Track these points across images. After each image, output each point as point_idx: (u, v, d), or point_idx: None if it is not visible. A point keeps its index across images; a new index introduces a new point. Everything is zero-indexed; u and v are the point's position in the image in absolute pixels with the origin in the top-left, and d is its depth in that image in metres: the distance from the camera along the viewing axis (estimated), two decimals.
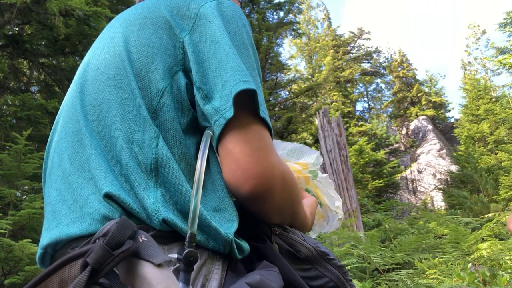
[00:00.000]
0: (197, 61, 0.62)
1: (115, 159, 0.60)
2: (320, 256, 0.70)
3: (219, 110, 0.59)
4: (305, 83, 15.53)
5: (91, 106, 0.65)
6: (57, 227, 0.60)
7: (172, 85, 0.63)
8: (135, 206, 0.56)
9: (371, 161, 15.72)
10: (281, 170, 0.62)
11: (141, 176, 0.57)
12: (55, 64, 7.05)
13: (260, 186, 0.59)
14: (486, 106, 16.80)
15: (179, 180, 0.57)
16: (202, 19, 0.65)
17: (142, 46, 0.64)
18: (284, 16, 13.31)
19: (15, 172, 4.20)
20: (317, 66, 24.60)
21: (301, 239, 0.71)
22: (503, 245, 4.29)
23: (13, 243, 3.30)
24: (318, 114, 9.31)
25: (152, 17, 0.67)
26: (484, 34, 24.78)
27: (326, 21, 28.05)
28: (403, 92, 26.21)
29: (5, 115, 5.83)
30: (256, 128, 0.61)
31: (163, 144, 0.58)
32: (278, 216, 0.68)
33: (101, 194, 0.57)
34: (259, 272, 0.55)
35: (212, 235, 0.56)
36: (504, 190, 10.57)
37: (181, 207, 0.57)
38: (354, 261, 3.69)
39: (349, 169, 8.41)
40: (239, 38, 0.66)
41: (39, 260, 0.66)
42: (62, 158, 0.65)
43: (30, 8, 5.29)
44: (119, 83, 0.64)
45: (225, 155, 0.60)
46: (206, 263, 0.56)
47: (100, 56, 0.70)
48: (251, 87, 0.59)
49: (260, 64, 0.72)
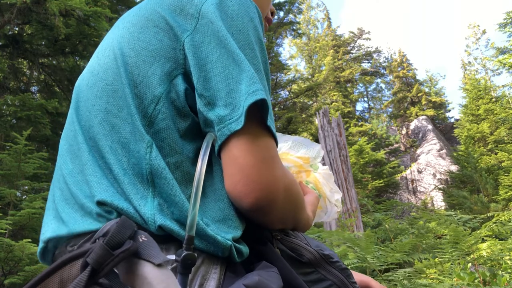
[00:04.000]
0: (198, 65, 0.59)
1: (108, 168, 0.59)
2: (323, 259, 0.69)
3: (223, 120, 0.57)
4: (305, 83, 15.53)
5: (87, 112, 0.64)
6: (59, 223, 0.60)
7: (170, 90, 0.60)
8: (130, 211, 0.55)
9: (371, 161, 15.72)
10: (285, 183, 0.61)
11: (138, 186, 0.57)
12: (55, 64, 7.04)
13: (262, 199, 0.57)
14: (486, 106, 16.80)
15: (173, 190, 0.56)
16: (205, 18, 0.61)
17: (141, 50, 0.62)
18: (284, 16, 13.32)
19: (15, 172, 4.20)
20: (317, 66, 24.60)
21: (303, 243, 0.69)
22: (503, 245, 4.28)
23: (13, 243, 3.30)
24: (318, 114, 9.31)
25: (154, 19, 0.64)
26: (484, 34, 24.80)
27: (326, 21, 28.06)
28: (403, 92, 26.20)
29: (5, 115, 5.82)
30: (261, 139, 0.59)
31: (156, 154, 0.57)
32: (280, 225, 0.67)
33: (94, 200, 0.57)
34: (258, 273, 0.54)
35: (210, 242, 0.56)
36: (504, 190, 10.57)
37: (177, 217, 0.55)
38: (355, 261, 3.69)
39: (349, 169, 8.41)
40: (243, 38, 0.61)
41: (39, 254, 0.66)
42: (65, 159, 0.65)
43: (30, 8, 5.29)
44: (116, 89, 0.62)
45: (228, 165, 0.58)
46: (203, 264, 0.56)
47: (101, 60, 0.68)
48: (262, 97, 0.56)
49: (268, 62, 0.68)
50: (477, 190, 12.04)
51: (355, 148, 14.83)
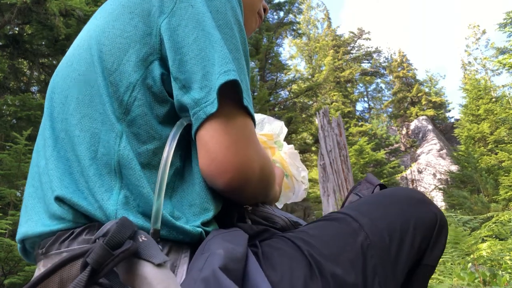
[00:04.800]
0: (174, 48, 0.58)
1: (77, 160, 0.58)
2: (293, 226, 0.72)
3: (199, 103, 0.56)
4: (305, 83, 15.51)
5: (60, 104, 0.64)
6: (27, 222, 0.61)
7: (146, 76, 0.58)
8: (90, 208, 0.55)
9: (371, 161, 15.71)
10: (260, 163, 0.60)
11: (105, 178, 0.56)
12: (55, 64, 7.04)
13: (236, 180, 0.57)
14: (486, 106, 16.79)
15: (140, 182, 0.55)
16: (184, 1, 0.60)
17: (115, 38, 0.60)
18: (284, 16, 13.31)
19: (15, 172, 4.20)
20: (317, 66, 24.59)
21: (272, 211, 0.72)
22: (503, 245, 4.28)
23: (13, 243, 3.30)
24: (318, 114, 9.30)
25: (129, 5, 0.62)
26: (484, 34, 24.78)
27: (326, 21, 28.06)
28: (403, 92, 26.21)
29: (5, 115, 5.83)
30: (237, 119, 0.58)
31: (125, 144, 0.56)
32: (252, 201, 0.68)
33: (53, 196, 0.57)
34: (218, 241, 0.53)
35: (179, 232, 0.55)
36: (504, 190, 10.56)
37: (143, 210, 0.55)
38: None
39: (349, 169, 8.40)
40: (221, 17, 0.60)
41: (21, 254, 0.67)
42: (38, 155, 0.65)
43: (30, 8, 5.29)
44: (88, 79, 0.61)
45: (201, 146, 0.57)
46: (171, 252, 0.56)
47: (76, 51, 0.67)
48: (233, 78, 0.55)
49: (247, 43, 0.66)
50: (477, 190, 12.03)
51: (355, 148, 14.82)
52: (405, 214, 0.64)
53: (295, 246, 0.59)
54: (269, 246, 0.60)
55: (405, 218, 0.64)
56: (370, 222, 0.62)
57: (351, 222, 0.62)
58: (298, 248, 0.58)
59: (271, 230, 0.68)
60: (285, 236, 0.62)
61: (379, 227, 0.61)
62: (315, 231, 0.62)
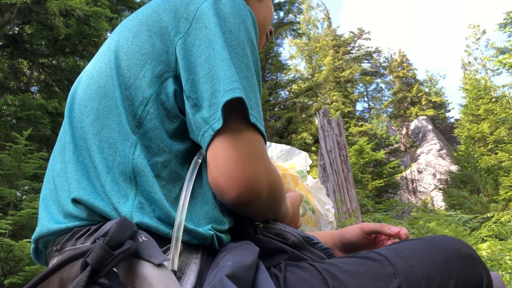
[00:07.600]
0: (187, 68, 0.60)
1: (94, 166, 0.61)
2: (305, 241, 0.71)
3: (207, 120, 0.58)
4: (305, 83, 15.52)
5: (80, 114, 0.67)
6: (41, 222, 0.63)
7: (160, 92, 0.61)
8: (106, 209, 0.57)
9: (371, 161, 15.71)
10: (268, 179, 0.61)
11: (121, 184, 0.58)
12: (55, 64, 7.04)
13: (244, 195, 0.58)
14: (486, 106, 16.79)
15: (153, 188, 0.57)
16: (199, 22, 0.63)
17: (133, 54, 0.64)
18: (284, 16, 13.31)
19: (15, 172, 4.20)
20: (317, 66, 24.58)
21: (282, 227, 0.72)
22: (503, 245, 4.28)
23: (13, 243, 3.30)
24: (318, 114, 9.30)
25: (148, 23, 0.66)
26: (484, 34, 24.78)
27: (326, 21, 28.06)
28: (403, 92, 26.21)
29: (5, 115, 5.82)
30: (245, 134, 0.59)
31: (139, 153, 0.59)
32: (262, 216, 0.68)
33: (70, 197, 0.60)
34: (228, 256, 0.55)
35: (192, 235, 0.57)
36: (504, 190, 10.56)
37: (158, 215, 0.57)
38: None
39: (349, 169, 8.40)
40: (234, 38, 0.62)
41: (33, 255, 0.69)
42: (54, 160, 0.69)
43: (30, 8, 5.29)
44: (107, 92, 0.64)
45: (211, 160, 0.58)
46: (182, 254, 0.56)
47: (97, 64, 0.71)
48: (237, 96, 0.57)
49: (260, 63, 0.69)
50: (477, 190, 12.03)
51: (355, 148, 14.82)
52: (448, 267, 0.59)
53: (322, 279, 0.57)
54: (293, 273, 0.60)
55: (447, 271, 0.59)
56: (407, 269, 0.58)
57: (387, 266, 0.59)
58: (325, 282, 0.57)
59: (287, 248, 0.67)
60: (314, 266, 0.61)
61: (416, 276, 0.57)
62: (347, 267, 0.60)
